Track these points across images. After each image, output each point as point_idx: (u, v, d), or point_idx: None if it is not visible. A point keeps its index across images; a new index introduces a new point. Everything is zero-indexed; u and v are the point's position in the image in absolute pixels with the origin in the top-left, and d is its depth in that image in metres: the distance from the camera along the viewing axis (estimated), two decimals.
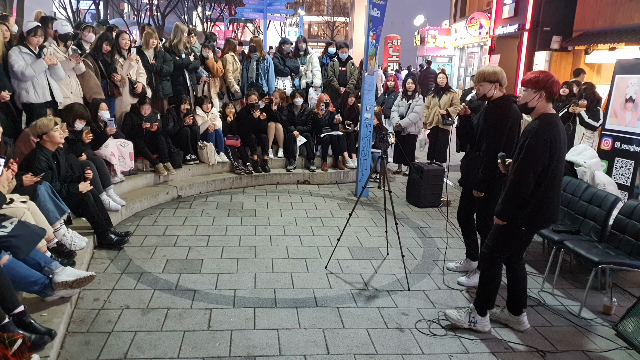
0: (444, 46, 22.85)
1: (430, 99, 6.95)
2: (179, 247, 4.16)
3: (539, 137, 2.67)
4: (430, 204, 5.68)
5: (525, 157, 2.70)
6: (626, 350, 2.94)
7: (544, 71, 2.90)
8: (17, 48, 4.25)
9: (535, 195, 2.76)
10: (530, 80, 2.78)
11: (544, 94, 2.73)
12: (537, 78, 2.76)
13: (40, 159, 3.65)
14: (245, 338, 2.86)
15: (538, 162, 2.69)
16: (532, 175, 2.71)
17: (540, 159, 2.69)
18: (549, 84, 2.72)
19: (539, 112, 2.78)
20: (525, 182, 2.72)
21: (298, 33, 25.99)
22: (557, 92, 2.80)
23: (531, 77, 2.78)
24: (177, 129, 5.90)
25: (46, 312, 2.79)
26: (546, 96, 2.74)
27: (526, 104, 2.80)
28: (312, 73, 7.27)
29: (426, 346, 2.88)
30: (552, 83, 2.73)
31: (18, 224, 2.76)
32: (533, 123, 2.76)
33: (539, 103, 2.76)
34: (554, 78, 2.77)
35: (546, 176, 2.73)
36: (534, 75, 2.79)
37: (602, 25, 11.38)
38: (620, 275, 4.01)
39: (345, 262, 4.02)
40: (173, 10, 23.52)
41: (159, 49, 6.00)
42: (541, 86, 2.73)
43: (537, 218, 2.82)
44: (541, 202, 2.78)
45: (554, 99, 2.79)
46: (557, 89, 2.77)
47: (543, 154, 2.68)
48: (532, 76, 2.79)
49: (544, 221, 2.89)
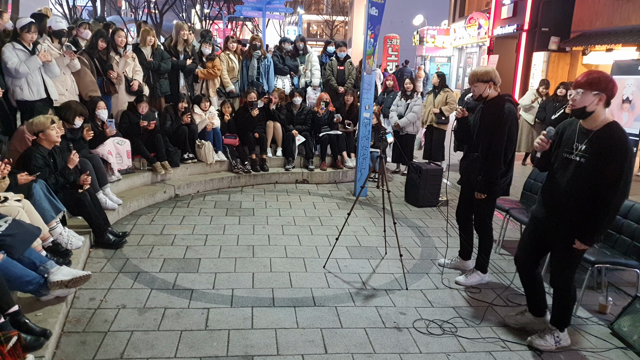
0: (442, 46, 22.86)
1: (428, 97, 6.98)
2: (177, 246, 4.14)
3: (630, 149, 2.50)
4: (428, 203, 5.69)
5: (625, 175, 2.51)
6: (622, 350, 2.95)
7: (600, 71, 2.64)
8: (11, 44, 4.21)
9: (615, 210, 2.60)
10: (588, 81, 2.53)
11: (605, 97, 2.52)
12: (598, 79, 2.52)
13: (37, 157, 3.62)
14: (243, 337, 2.85)
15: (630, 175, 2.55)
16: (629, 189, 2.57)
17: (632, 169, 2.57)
18: (610, 86, 2.51)
19: (600, 119, 2.55)
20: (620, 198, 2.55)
21: (297, 32, 25.98)
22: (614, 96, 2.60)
23: (589, 78, 2.54)
24: (175, 127, 5.87)
25: (41, 311, 2.77)
26: (606, 100, 2.53)
27: (584, 108, 2.54)
28: (311, 72, 7.26)
29: (424, 345, 2.88)
30: (613, 85, 2.53)
31: (12, 223, 2.74)
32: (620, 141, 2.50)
33: (598, 107, 2.53)
34: (613, 80, 2.57)
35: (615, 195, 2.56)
36: (594, 76, 2.54)
37: (600, 27, 11.41)
38: (616, 274, 4.02)
39: (343, 261, 4.01)
40: (171, 8, 23.45)
41: (156, 46, 5.97)
42: (602, 88, 2.50)
43: None
44: None
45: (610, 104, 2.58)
46: (615, 92, 2.57)
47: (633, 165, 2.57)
48: (591, 77, 2.54)
49: None
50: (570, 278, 2.82)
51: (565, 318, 2.91)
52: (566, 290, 2.84)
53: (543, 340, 2.91)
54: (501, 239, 4.50)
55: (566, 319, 2.91)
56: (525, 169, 8.11)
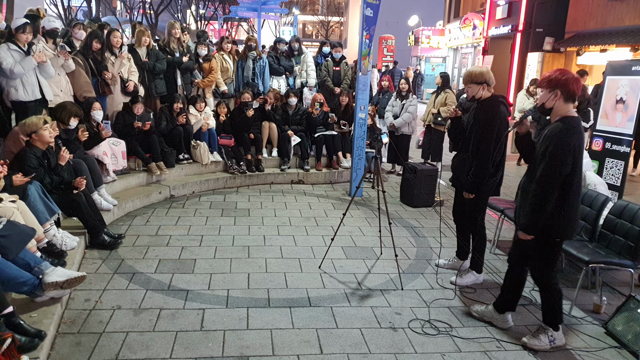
0: (437, 47, 22.96)
1: (431, 97, 7.05)
2: (172, 247, 4.13)
3: (564, 144, 2.53)
4: (423, 203, 5.71)
5: (551, 165, 2.55)
6: (616, 349, 2.97)
7: (561, 69, 2.74)
8: (6, 45, 4.19)
9: (565, 203, 2.63)
10: (544, 80, 2.66)
11: (560, 92, 2.60)
12: (550, 76, 2.63)
13: (31, 157, 3.60)
14: (238, 338, 2.85)
15: (562, 170, 2.55)
16: (557, 183, 2.56)
17: (565, 165, 2.55)
18: (562, 81, 2.58)
19: (559, 114, 2.64)
20: (550, 190, 2.58)
21: (292, 32, 25.96)
22: (576, 90, 2.61)
23: (544, 77, 2.66)
24: (170, 128, 5.86)
25: (36, 313, 2.76)
26: (563, 95, 2.60)
27: (543, 105, 2.67)
28: (306, 73, 7.26)
29: (419, 345, 2.89)
30: (566, 80, 2.58)
31: (7, 224, 2.73)
32: (555, 127, 2.60)
33: (556, 103, 2.63)
34: (570, 75, 2.61)
35: (572, 183, 2.61)
36: (548, 74, 2.65)
37: (594, 27, 11.50)
38: (610, 274, 4.06)
39: (339, 261, 4.02)
40: (166, 8, 23.38)
41: (151, 47, 5.96)
42: (554, 84, 2.61)
43: (570, 227, 2.72)
44: (572, 210, 2.67)
45: (574, 98, 2.63)
46: (574, 86, 2.59)
47: (567, 161, 2.55)
48: (545, 75, 2.66)
49: (574, 230, 2.76)
50: (546, 273, 2.84)
51: (554, 315, 2.91)
52: (546, 286, 2.87)
53: (537, 340, 2.92)
54: (496, 239, 4.52)
55: (556, 316, 2.92)
56: (520, 169, 8.16)
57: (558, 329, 2.93)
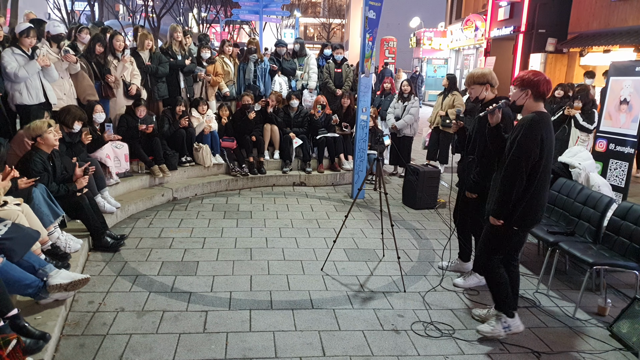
0: (439, 48, 22.94)
1: (438, 98, 7.05)
2: (175, 249, 4.14)
3: (531, 132, 2.66)
4: (425, 205, 5.70)
5: (518, 152, 2.68)
6: (620, 351, 2.96)
7: (533, 70, 2.90)
8: (10, 49, 4.23)
9: (527, 194, 2.74)
10: (517, 79, 2.82)
11: (530, 92, 2.73)
12: (523, 76, 2.78)
13: (36, 161, 3.63)
14: (241, 340, 2.85)
15: (529, 158, 2.67)
16: (525, 171, 2.68)
17: (532, 153, 2.67)
18: (534, 82, 2.72)
19: (529, 111, 2.78)
20: (519, 178, 2.69)
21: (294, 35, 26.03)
22: (546, 91, 2.77)
23: (518, 76, 2.82)
24: (173, 130, 5.88)
25: (40, 315, 2.77)
26: (533, 94, 2.74)
27: (514, 103, 2.84)
28: (308, 75, 7.27)
29: (422, 348, 2.88)
30: (537, 81, 2.72)
31: (12, 227, 2.74)
32: (525, 118, 2.75)
33: (526, 101, 2.77)
34: (541, 77, 2.75)
35: (537, 174, 2.72)
36: (521, 74, 2.81)
37: (597, 28, 11.47)
38: (615, 276, 4.04)
39: (341, 263, 4.02)
40: (169, 12, 23.49)
41: (154, 50, 5.99)
42: (526, 84, 2.74)
43: (529, 217, 2.81)
44: (533, 201, 2.77)
45: (544, 97, 2.77)
46: (544, 87, 2.74)
47: (534, 149, 2.66)
48: (519, 75, 2.82)
49: (535, 221, 2.85)
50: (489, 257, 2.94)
51: (502, 301, 2.96)
52: (486, 270, 2.96)
53: (490, 326, 2.96)
54: None
55: (504, 302, 2.96)
56: None
57: (512, 315, 2.97)
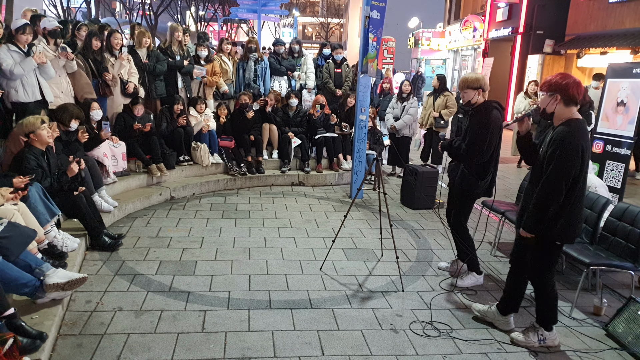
0: (438, 49, 22.95)
1: (428, 99, 7.02)
2: (173, 248, 4.13)
3: (571, 146, 2.52)
4: (424, 205, 5.71)
5: (558, 168, 2.53)
6: (616, 351, 2.97)
7: (561, 73, 2.74)
8: (5, 46, 4.19)
9: (567, 207, 2.61)
10: (544, 84, 2.67)
11: (559, 96, 2.60)
12: (550, 80, 2.63)
13: (30, 158, 3.59)
14: (240, 340, 2.84)
15: (569, 175, 2.53)
16: (565, 187, 2.55)
17: (573, 168, 2.53)
18: (562, 86, 2.58)
19: (562, 118, 2.63)
20: (557, 194, 2.56)
21: (292, 34, 26.01)
22: (577, 95, 2.60)
23: (545, 80, 2.67)
24: (171, 129, 5.86)
25: (37, 314, 2.76)
26: (562, 99, 2.60)
27: (544, 110, 2.69)
28: (305, 75, 7.27)
29: (420, 347, 2.89)
30: (566, 85, 2.58)
31: (8, 225, 2.72)
32: (560, 130, 2.59)
33: (556, 107, 2.63)
34: (570, 79, 2.61)
35: (577, 186, 2.59)
36: (548, 78, 2.66)
37: (594, 30, 11.52)
38: (610, 276, 4.06)
39: (339, 263, 4.02)
40: (166, 9, 23.41)
41: (152, 48, 5.96)
42: (554, 89, 2.62)
43: (571, 230, 2.68)
44: (573, 214, 2.64)
45: (575, 102, 2.62)
46: (574, 91, 2.59)
47: (574, 165, 2.52)
48: (546, 79, 2.67)
49: (576, 234, 2.72)
50: (543, 276, 2.84)
51: (547, 317, 2.92)
52: (542, 288, 2.88)
53: (525, 337, 2.95)
54: (497, 241, 4.52)
55: (549, 318, 2.92)
56: (521, 171, 8.17)
57: (551, 329, 2.95)
